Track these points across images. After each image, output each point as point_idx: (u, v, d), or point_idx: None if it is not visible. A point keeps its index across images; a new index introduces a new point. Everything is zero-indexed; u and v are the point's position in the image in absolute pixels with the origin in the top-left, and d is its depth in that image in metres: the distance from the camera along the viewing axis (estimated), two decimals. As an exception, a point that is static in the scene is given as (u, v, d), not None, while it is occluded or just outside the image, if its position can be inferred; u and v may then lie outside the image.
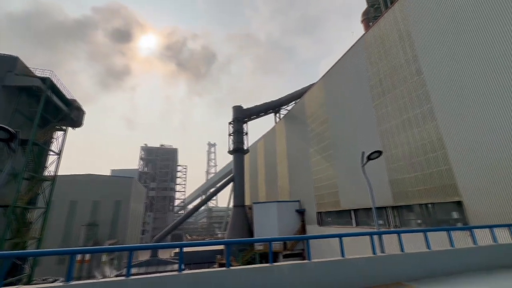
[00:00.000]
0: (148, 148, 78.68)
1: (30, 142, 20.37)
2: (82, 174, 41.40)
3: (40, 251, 4.07)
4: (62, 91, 24.71)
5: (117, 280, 4.04)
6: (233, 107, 41.21)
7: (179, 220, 34.71)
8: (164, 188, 75.02)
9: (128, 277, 4.14)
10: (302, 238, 5.61)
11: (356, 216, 20.81)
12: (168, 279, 4.22)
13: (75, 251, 4.16)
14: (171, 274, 4.27)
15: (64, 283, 3.77)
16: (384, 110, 18.27)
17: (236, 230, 32.23)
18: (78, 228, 35.81)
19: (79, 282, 3.83)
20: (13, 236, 19.55)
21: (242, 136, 38.83)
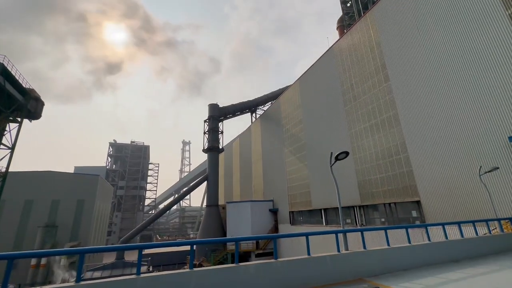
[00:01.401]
0: (117, 145, 74.45)
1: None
2: (40, 171, 37.92)
3: None
4: (17, 79, 22.44)
5: (65, 286, 3.68)
6: (209, 105, 40.49)
7: (149, 220, 33.31)
8: (134, 186, 71.51)
9: (78, 282, 3.80)
10: (268, 237, 5.61)
11: (326, 215, 21.54)
12: (124, 284, 3.94)
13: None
14: (127, 278, 3.99)
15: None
16: (355, 115, 19.11)
17: (209, 230, 31.70)
18: (33, 229, 32.72)
19: None
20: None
21: (217, 135, 38.32)
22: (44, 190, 35.74)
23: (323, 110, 22.97)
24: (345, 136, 19.71)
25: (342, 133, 20.14)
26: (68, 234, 35.12)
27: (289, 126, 28.72)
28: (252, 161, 38.55)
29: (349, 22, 34.95)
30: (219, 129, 38.81)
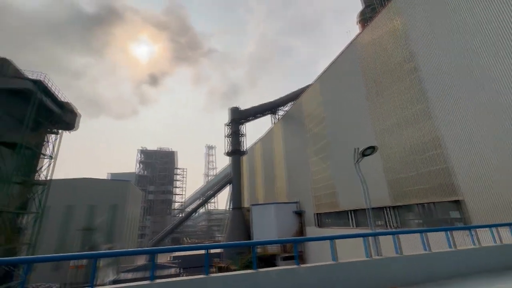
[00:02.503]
0: (146, 151, 78.18)
1: (20, 145, 19.95)
2: (78, 178, 40.87)
3: (32, 257, 3.73)
4: (55, 94, 24.35)
5: None
6: (230, 109, 40.91)
7: (175, 224, 34.24)
8: (162, 191, 74.45)
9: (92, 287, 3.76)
10: (288, 241, 5.25)
11: (355, 217, 20.41)
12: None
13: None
14: (141, 284, 3.87)
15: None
16: (380, 110, 17.94)
17: (234, 233, 31.75)
18: (73, 233, 35.25)
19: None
20: (1, 242, 19.05)
21: (239, 138, 38.48)
22: (82, 196, 38.40)
23: (346, 107, 21.94)
24: (371, 133, 18.57)
25: (367, 130, 19.01)
26: (104, 237, 37.28)
27: (311, 125, 27.91)
28: (275, 162, 38.09)
29: (370, 14, 33.38)
30: (240, 132, 38.97)
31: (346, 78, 22.28)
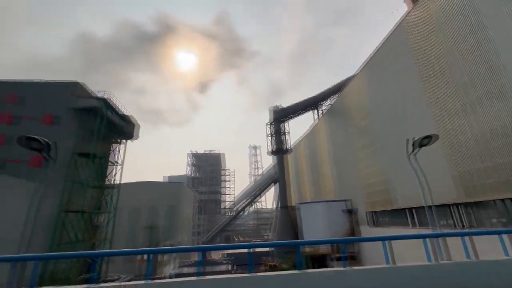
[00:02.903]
0: (196, 155, 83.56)
1: (93, 155, 23.24)
2: (141, 182, 45.81)
3: (109, 251, 4.31)
4: (117, 109, 27.73)
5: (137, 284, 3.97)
6: (270, 108, 40.93)
7: (225, 223, 35.65)
8: (212, 192, 78.62)
9: (148, 280, 4.06)
10: (334, 241, 4.89)
11: (415, 215, 18.29)
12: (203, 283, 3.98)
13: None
14: (190, 279, 4.04)
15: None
16: (440, 93, 15.72)
17: (283, 232, 31.63)
18: (140, 231, 39.66)
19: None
20: (83, 238, 22.44)
21: (281, 137, 38.20)
22: (145, 197, 42.89)
23: (397, 95, 19.85)
24: (428, 120, 16.41)
25: (423, 117, 16.86)
26: (165, 234, 41.03)
27: (358, 118, 26.08)
28: (320, 159, 36.72)
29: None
30: (282, 131, 38.65)
31: (394, 63, 20.17)
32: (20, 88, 23.61)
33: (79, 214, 21.64)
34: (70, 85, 24.09)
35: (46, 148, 5.19)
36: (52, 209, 20.63)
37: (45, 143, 5.06)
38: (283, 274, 4.18)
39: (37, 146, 5.03)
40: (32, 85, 23.99)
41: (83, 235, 22.44)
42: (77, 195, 22.21)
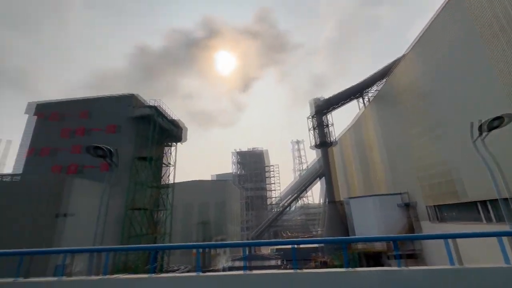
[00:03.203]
0: (240, 153, 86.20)
1: (150, 158, 25.79)
2: (191, 181, 49.29)
3: (170, 245, 4.82)
4: (167, 114, 30.19)
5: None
6: (311, 101, 39.68)
7: (271, 218, 36.02)
8: (258, 188, 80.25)
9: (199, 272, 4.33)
10: (384, 238, 4.48)
11: (491, 209, 15.75)
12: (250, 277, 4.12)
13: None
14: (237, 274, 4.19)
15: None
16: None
17: (332, 228, 30.58)
18: (193, 226, 42.80)
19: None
20: (147, 232, 25.14)
21: (324, 129, 36.77)
22: (196, 195, 46.03)
23: (459, 71, 17.25)
24: (501, 98, 13.87)
25: (493, 95, 14.32)
26: (216, 229, 43.46)
27: (411, 102, 23.53)
28: (369, 150, 34.27)
29: None
30: (325, 123, 37.18)
31: (453, 36, 17.54)
32: (88, 104, 27.49)
33: (141, 211, 24.32)
34: (127, 97, 27.12)
35: (109, 154, 5.96)
36: (120, 207, 23.66)
37: (108, 150, 5.83)
38: (329, 271, 4.03)
39: (102, 154, 5.82)
40: (97, 100, 27.68)
41: (147, 229, 25.14)
42: (139, 194, 24.99)
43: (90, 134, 25.92)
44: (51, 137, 26.03)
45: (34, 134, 26.73)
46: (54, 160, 25.03)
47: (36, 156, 25.62)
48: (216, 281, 4.12)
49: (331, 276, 3.93)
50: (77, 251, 5.22)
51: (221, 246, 4.85)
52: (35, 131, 26.88)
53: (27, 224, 16.96)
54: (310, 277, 3.95)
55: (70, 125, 26.50)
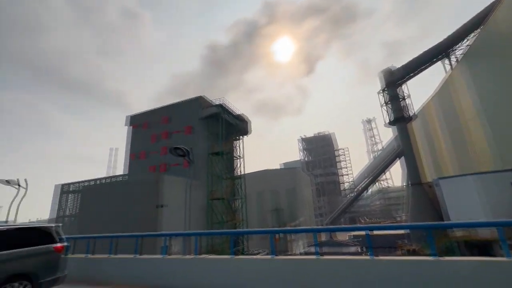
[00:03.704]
0: (306, 139, 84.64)
1: (222, 153, 28.15)
2: (261, 170, 51.44)
3: (246, 230, 5.54)
4: (232, 110, 32.15)
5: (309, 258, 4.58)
6: (381, 72, 35.29)
7: (345, 204, 34.36)
8: (328, 173, 77.53)
9: (273, 255, 4.63)
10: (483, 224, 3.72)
11: None
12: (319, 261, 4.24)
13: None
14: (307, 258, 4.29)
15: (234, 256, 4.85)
16: None
17: (418, 213, 27.07)
18: (267, 213, 44.89)
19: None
20: (229, 219, 27.77)
21: (400, 103, 32.29)
22: (267, 184, 47.91)
23: None
24: None
25: None
26: (289, 216, 44.44)
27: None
28: (463, 120, 28.40)
29: None
30: (400, 96, 32.62)
31: None
32: (168, 111, 31.77)
33: (220, 200, 26.96)
34: (196, 100, 30.08)
35: (187, 153, 6.89)
36: (203, 198, 26.87)
37: (185, 150, 6.77)
38: (412, 259, 3.67)
39: (181, 153, 6.79)
40: (174, 106, 31.68)
41: (226, 217, 27.79)
42: (216, 186, 27.76)
43: (172, 136, 30.02)
44: (145, 142, 31.37)
45: (132, 142, 32.79)
46: (149, 162, 30.17)
47: (137, 160, 31.41)
48: (289, 264, 4.33)
49: (414, 265, 3.56)
50: (173, 235, 6.29)
51: (290, 231, 5.11)
52: (132, 139, 32.91)
53: (137, 213, 21.22)
54: (389, 265, 3.69)
55: (156, 130, 31.30)
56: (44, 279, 4.58)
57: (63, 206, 25.17)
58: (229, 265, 4.79)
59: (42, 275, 4.54)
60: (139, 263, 5.60)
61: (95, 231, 22.31)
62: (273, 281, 4.34)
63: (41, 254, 4.68)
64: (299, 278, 4.17)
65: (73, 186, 25.85)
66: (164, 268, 5.25)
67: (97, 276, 5.86)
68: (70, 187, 25.83)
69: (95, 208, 23.57)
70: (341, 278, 3.91)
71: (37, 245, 4.64)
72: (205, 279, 4.83)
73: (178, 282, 5.03)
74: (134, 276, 5.48)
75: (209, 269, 4.89)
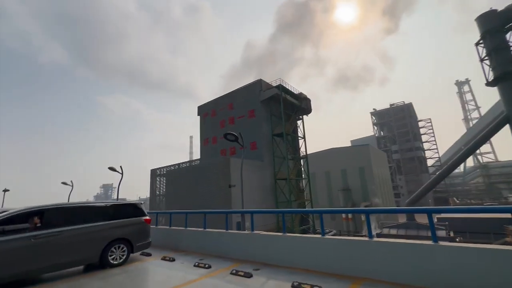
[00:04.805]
0: (377, 112, 76.03)
1: (283, 134, 28.30)
2: (329, 149, 49.45)
3: (307, 210, 5.84)
4: (290, 90, 31.52)
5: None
6: (479, 17, 27.82)
7: (430, 183, 29.91)
8: (408, 149, 68.22)
9: (370, 238, 4.60)
10: None
11: None
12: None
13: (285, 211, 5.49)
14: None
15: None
16: None
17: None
18: (335, 192, 43.44)
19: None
20: (295, 199, 28.29)
21: (508, 53, 25.05)
22: (335, 163, 46.00)
23: None
24: None
25: None
26: (360, 196, 41.90)
27: None
28: None
29: None
30: (507, 44, 25.23)
31: None
32: (231, 97, 33.53)
33: (286, 180, 27.56)
34: (256, 83, 30.64)
35: (238, 138, 7.33)
36: (270, 178, 28.02)
37: (236, 135, 7.21)
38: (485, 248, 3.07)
39: (233, 138, 7.28)
40: (236, 92, 33.14)
41: (294, 196, 28.37)
42: (282, 166, 28.37)
43: (237, 121, 31.80)
44: (214, 129, 34.29)
45: (203, 129, 36.32)
46: (220, 146, 32.99)
47: (209, 144, 34.82)
48: (338, 244, 4.27)
49: (488, 254, 2.99)
50: (238, 212, 6.97)
51: (319, 212, 4.85)
52: (203, 126, 36.39)
53: (214, 193, 23.94)
54: (458, 253, 3.20)
55: (223, 117, 33.69)
56: (138, 243, 5.93)
57: (154, 187, 30.61)
58: (279, 241, 5.06)
59: (136, 240, 5.88)
60: (206, 235, 6.50)
61: (178, 208, 26.51)
62: (322, 259, 4.39)
63: (135, 224, 6.02)
64: (348, 258, 4.10)
65: (161, 170, 30.90)
66: (225, 241, 5.99)
67: (176, 244, 7.14)
68: (158, 171, 30.98)
69: (177, 188, 27.73)
70: (392, 262, 3.65)
71: (131, 217, 5.99)
72: (258, 251, 5.28)
73: (236, 253, 5.68)
74: (200, 246, 6.48)
75: (262, 243, 5.30)
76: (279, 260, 4.86)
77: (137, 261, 5.90)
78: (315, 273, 4.22)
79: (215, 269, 4.91)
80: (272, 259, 4.97)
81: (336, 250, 4.23)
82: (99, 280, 4.62)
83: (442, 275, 3.21)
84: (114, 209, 5.81)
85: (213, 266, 5.04)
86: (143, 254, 6.52)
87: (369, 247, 3.91)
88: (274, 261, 4.92)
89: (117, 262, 5.48)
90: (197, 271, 4.84)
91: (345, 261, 4.10)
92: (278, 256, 4.92)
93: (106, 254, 5.32)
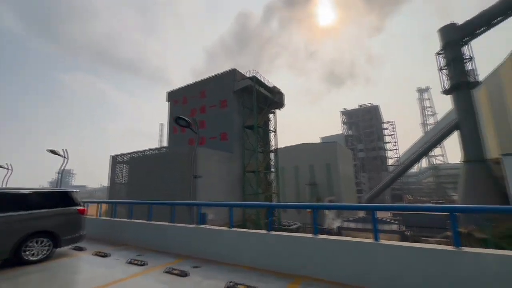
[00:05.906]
0: (347, 112, 79.30)
1: (255, 126, 28.00)
2: (298, 144, 50.42)
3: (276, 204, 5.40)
4: (264, 83, 31.15)
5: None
6: (441, 29, 29.79)
7: (389, 180, 31.98)
8: (372, 148, 72.51)
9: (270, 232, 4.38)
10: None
11: None
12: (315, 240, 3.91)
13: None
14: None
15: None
16: None
17: (474, 193, 23.79)
18: (303, 187, 44.63)
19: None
20: (262, 191, 28.33)
21: (463, 65, 27.25)
22: (303, 158, 47.08)
23: None
24: None
25: None
26: (326, 191, 43.55)
27: None
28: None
29: None
30: (464, 57, 27.43)
31: None
32: (204, 85, 32.22)
33: (255, 173, 27.43)
34: (230, 73, 29.74)
35: (190, 124, 6.76)
36: (239, 170, 27.65)
37: (190, 120, 6.64)
38: (426, 248, 3.02)
39: (185, 124, 6.70)
40: (210, 80, 31.91)
41: (261, 189, 28.39)
42: (251, 159, 28.14)
43: (209, 110, 30.73)
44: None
45: (171, 116, 34.58)
46: (189, 135, 31.69)
47: (179, 133, 33.30)
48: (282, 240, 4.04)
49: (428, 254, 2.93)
50: (208, 205, 6.46)
51: (284, 207, 4.70)
52: (172, 114, 34.66)
53: (178, 182, 22.95)
54: (397, 251, 3.11)
55: (194, 105, 32.33)
56: (66, 236, 5.17)
57: (114, 175, 28.63)
58: (224, 236, 4.71)
59: (63, 233, 5.12)
60: (150, 228, 5.93)
61: (139, 197, 25.11)
62: (265, 256, 4.14)
63: (63, 214, 5.24)
64: (291, 255, 3.89)
65: (123, 157, 28.90)
66: (169, 234, 5.51)
67: (118, 237, 6.45)
68: (120, 158, 28.98)
69: (140, 176, 26.21)
70: (333, 260, 3.50)
71: (59, 207, 5.19)
72: (202, 247, 4.90)
73: (180, 248, 5.27)
74: (143, 240, 5.89)
75: (207, 238, 4.92)
76: (222, 257, 4.54)
77: (65, 257, 5.18)
78: (258, 271, 3.96)
79: (150, 266, 4.42)
80: (215, 255, 4.63)
81: (280, 246, 4.00)
82: (4, 280, 3.88)
83: (382, 275, 3.11)
84: (36, 197, 4.98)
85: (150, 263, 4.54)
86: (75, 248, 5.77)
87: (313, 244, 3.73)
88: (217, 258, 4.58)
89: (36, 258, 4.71)
90: (129, 269, 4.31)
91: (289, 258, 3.89)
92: (221, 252, 4.59)
93: (19, 249, 4.53)
